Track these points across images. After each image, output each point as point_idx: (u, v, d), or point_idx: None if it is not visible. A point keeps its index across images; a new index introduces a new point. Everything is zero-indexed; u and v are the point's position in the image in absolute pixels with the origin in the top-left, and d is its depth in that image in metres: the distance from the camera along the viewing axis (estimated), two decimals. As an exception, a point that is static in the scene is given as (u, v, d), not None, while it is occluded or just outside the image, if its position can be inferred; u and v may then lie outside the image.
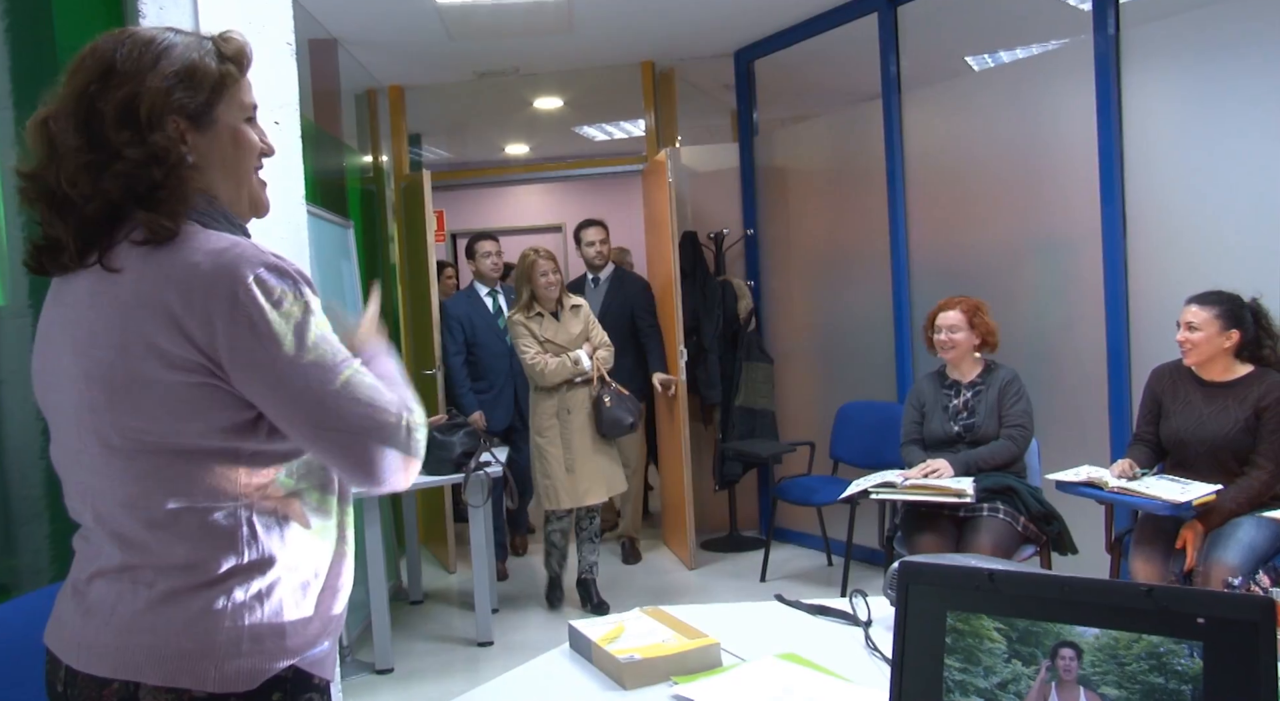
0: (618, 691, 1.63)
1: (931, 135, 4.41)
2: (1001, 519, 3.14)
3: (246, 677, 1.16)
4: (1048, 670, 1.16)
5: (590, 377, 4.13)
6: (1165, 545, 2.95)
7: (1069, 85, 3.79)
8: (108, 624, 1.17)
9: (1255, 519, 2.81)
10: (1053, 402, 3.77)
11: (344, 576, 1.30)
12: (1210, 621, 1.09)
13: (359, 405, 1.16)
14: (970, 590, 1.23)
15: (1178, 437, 3.04)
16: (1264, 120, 3.26)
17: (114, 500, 1.18)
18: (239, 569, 1.17)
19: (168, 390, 1.13)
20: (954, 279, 4.15)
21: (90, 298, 1.16)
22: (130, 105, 1.13)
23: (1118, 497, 2.95)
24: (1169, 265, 3.53)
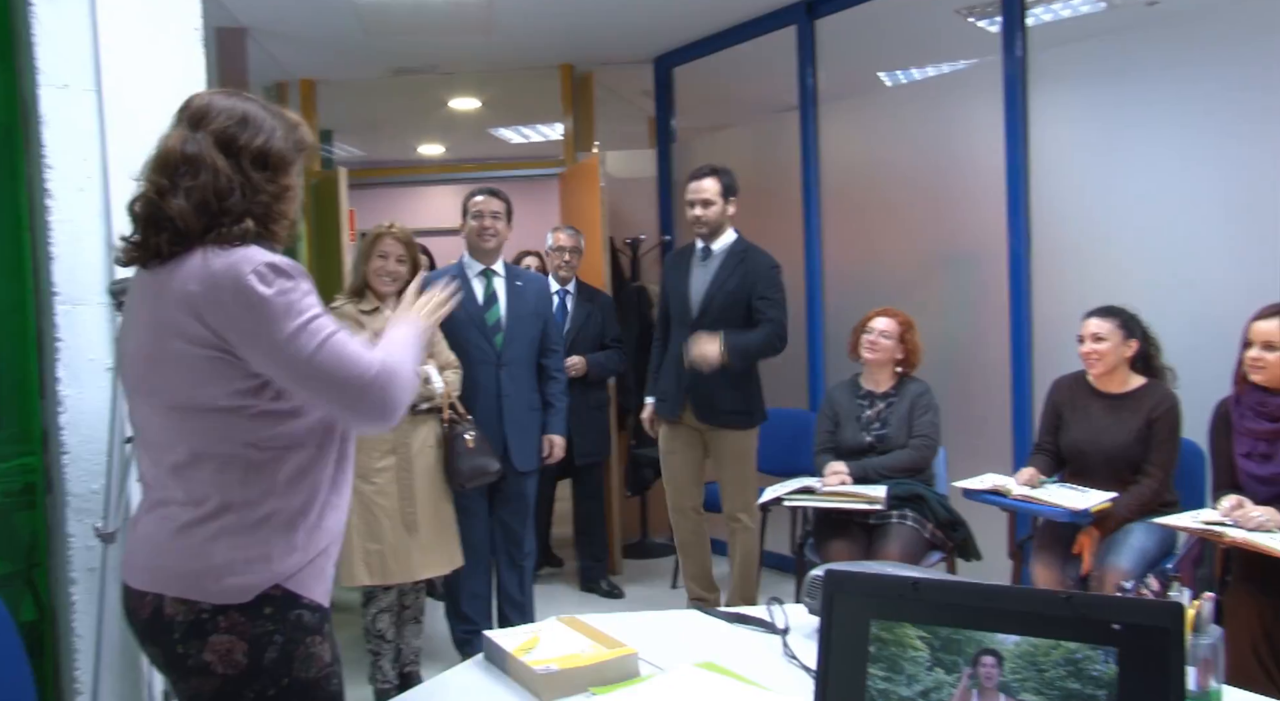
0: (535, 704, 1.60)
1: (846, 148, 4.49)
2: (910, 526, 3.20)
3: (239, 592, 1.45)
4: (969, 677, 1.17)
5: (439, 405, 3.20)
6: (1063, 551, 3.04)
7: (978, 104, 3.90)
8: (144, 549, 1.50)
9: (1146, 525, 2.92)
10: (960, 412, 3.87)
11: (330, 519, 1.56)
12: (1125, 627, 1.11)
13: (340, 360, 1.44)
14: (894, 599, 1.23)
15: (1076, 447, 3.14)
16: (1158, 144, 3.41)
17: (153, 449, 1.52)
18: (235, 505, 1.46)
19: (188, 361, 1.44)
20: (867, 291, 4.23)
21: (144, 291, 1.51)
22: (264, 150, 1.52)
23: (1021, 505, 3.03)
24: (1070, 280, 3.65)
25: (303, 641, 1.49)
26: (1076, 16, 3.85)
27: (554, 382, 3.62)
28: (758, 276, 3.68)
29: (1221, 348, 2.86)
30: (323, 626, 1.54)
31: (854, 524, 3.29)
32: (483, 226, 3.52)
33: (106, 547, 2.44)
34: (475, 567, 3.44)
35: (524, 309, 3.55)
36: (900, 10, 4.24)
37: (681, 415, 3.80)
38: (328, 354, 1.44)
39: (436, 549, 3.19)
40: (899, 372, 3.51)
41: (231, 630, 1.45)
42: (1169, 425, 3.01)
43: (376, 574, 3.10)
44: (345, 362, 1.44)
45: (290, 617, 1.48)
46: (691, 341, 3.60)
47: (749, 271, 3.68)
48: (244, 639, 1.45)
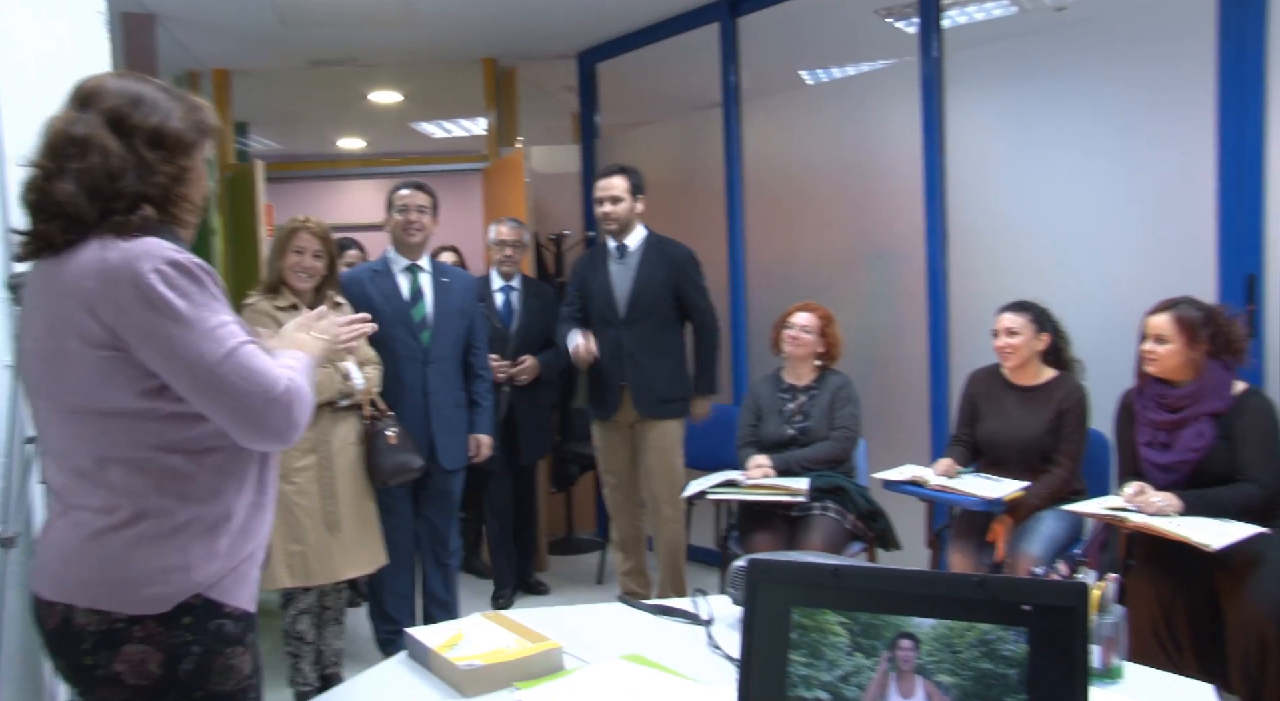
0: (458, 699, 1.58)
1: (768, 145, 4.54)
2: (832, 517, 3.26)
3: (156, 602, 1.39)
4: (888, 661, 1.19)
5: (359, 401, 3.14)
6: (978, 538, 3.13)
7: (896, 103, 3.98)
8: (55, 557, 1.43)
9: (1056, 512, 3.02)
10: (880, 405, 3.94)
11: (255, 522, 1.50)
12: (1034, 608, 1.15)
13: (246, 373, 1.37)
14: (815, 586, 1.25)
15: (991, 438, 3.23)
16: (1068, 144, 3.52)
17: (57, 455, 1.45)
18: (150, 512, 1.40)
19: (87, 362, 1.37)
20: (789, 286, 4.28)
21: (40, 285, 1.43)
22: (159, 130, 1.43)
23: (939, 495, 3.11)
24: (985, 276, 3.75)
25: (222, 652, 1.44)
26: (990, 20, 3.96)
27: (480, 381, 3.59)
28: (681, 267, 3.79)
29: (1127, 341, 2.96)
30: (245, 636, 1.48)
31: (777, 516, 3.33)
32: (408, 221, 3.47)
33: (5, 552, 2.34)
34: (399, 567, 3.39)
35: (451, 306, 3.51)
36: (821, 9, 4.31)
37: (615, 414, 3.83)
38: (234, 365, 1.37)
39: (359, 548, 3.13)
40: (820, 366, 3.57)
41: (147, 640, 1.39)
42: (1077, 416, 3.11)
43: (298, 575, 3.03)
44: (252, 376, 1.38)
45: (210, 627, 1.43)
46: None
47: (671, 263, 3.77)
48: (159, 649, 1.39)
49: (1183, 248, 3.24)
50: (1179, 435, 2.79)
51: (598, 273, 3.84)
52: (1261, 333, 3.07)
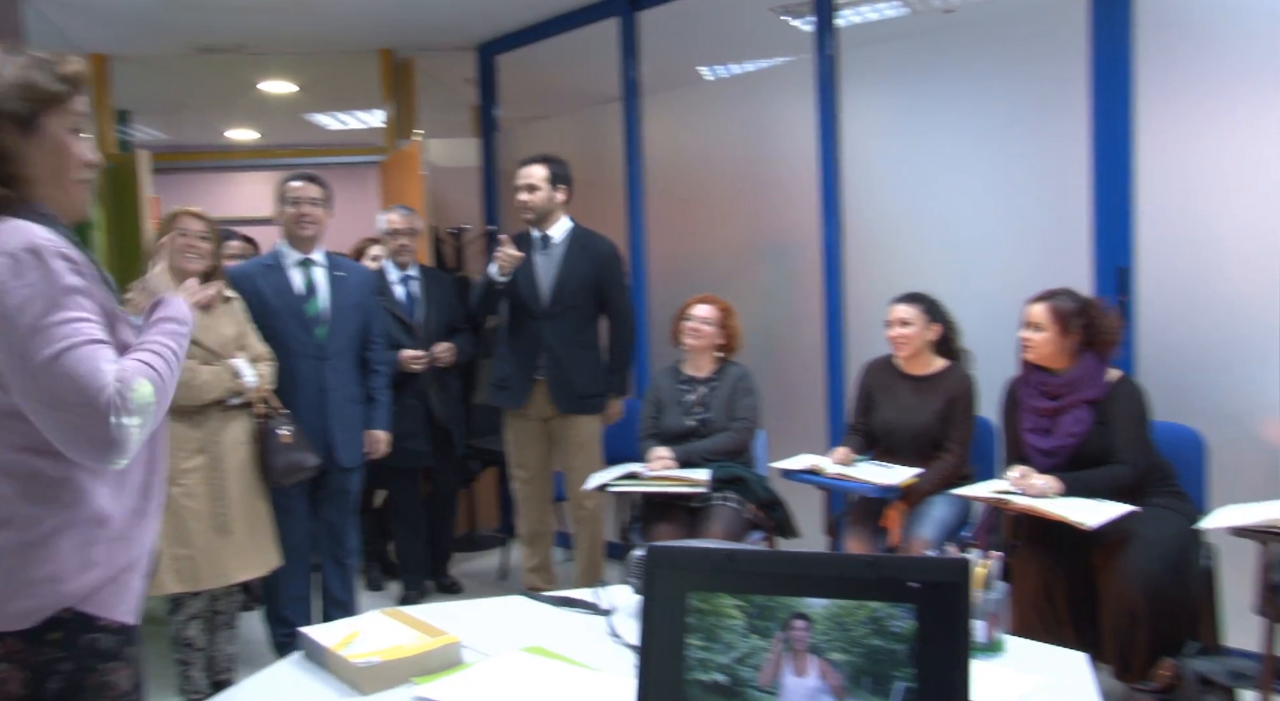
0: (356, 697, 1.56)
1: (669, 140, 4.57)
2: (732, 507, 3.30)
3: (19, 618, 1.29)
4: (782, 641, 1.22)
5: (250, 399, 3.04)
6: (874, 524, 3.21)
7: (793, 100, 4.06)
8: None
9: (946, 497, 3.12)
10: (778, 396, 4.02)
11: (138, 529, 1.41)
12: (921, 585, 1.19)
13: (63, 380, 1.24)
14: (711, 571, 1.27)
15: (886, 427, 3.32)
16: (957, 141, 3.64)
17: None
18: (15, 520, 1.30)
19: None
20: (689, 279, 4.33)
21: None
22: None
23: (835, 483, 3.19)
24: (879, 268, 3.86)
25: (96, 669, 1.34)
26: (883, 20, 4.06)
27: (377, 376, 3.53)
28: (605, 263, 3.79)
29: (1012, 332, 3.07)
30: (122, 650, 1.39)
31: (678, 507, 3.37)
32: (300, 213, 3.38)
33: None
34: (295, 568, 3.31)
35: (347, 300, 3.43)
36: (719, 6, 4.36)
37: (527, 405, 3.80)
38: (56, 367, 1.24)
39: (252, 550, 3.05)
40: (720, 358, 3.62)
41: (8, 657, 1.30)
42: (966, 404, 3.23)
43: (186, 580, 2.93)
44: (74, 381, 1.25)
45: (82, 643, 1.33)
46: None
47: (594, 258, 3.75)
48: (23, 668, 1.30)
49: (1061, 242, 3.39)
50: (1059, 421, 2.92)
51: (524, 261, 3.80)
52: (1133, 322, 3.24)
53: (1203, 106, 3.10)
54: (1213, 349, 3.14)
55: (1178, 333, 3.20)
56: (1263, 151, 3.00)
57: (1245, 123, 3.03)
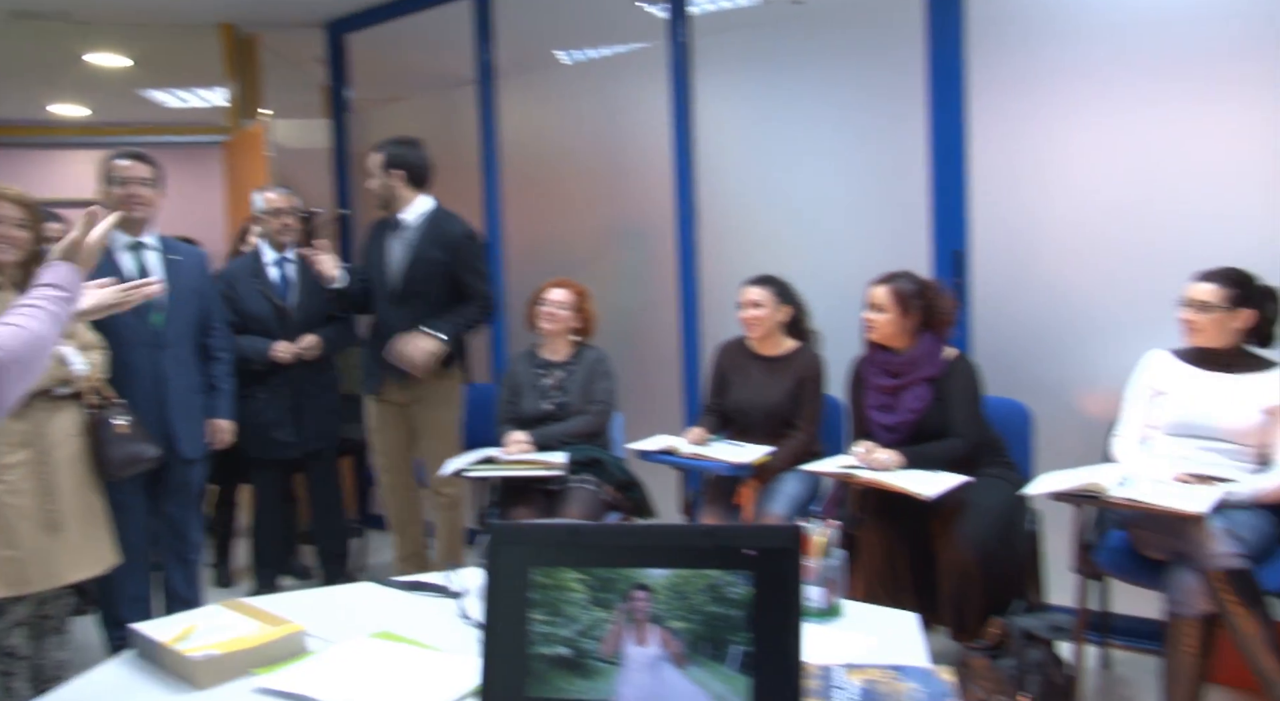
0: (192, 693, 1.50)
1: (525, 124, 4.54)
2: (589, 489, 3.32)
3: None
4: (624, 612, 1.24)
5: (80, 389, 2.85)
6: (728, 502, 3.30)
7: (648, 85, 4.09)
8: None
9: (797, 473, 3.22)
10: (635, 378, 4.06)
11: None
12: (757, 552, 1.23)
13: None
14: (553, 545, 1.28)
15: (739, 406, 3.41)
16: (807, 128, 3.76)
17: None
18: None
19: None
20: (547, 263, 4.32)
21: None
22: None
23: (690, 462, 3.25)
24: (733, 252, 3.94)
25: None
26: (735, 8, 4.13)
27: (218, 364, 3.37)
28: (459, 248, 3.67)
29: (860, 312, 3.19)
30: None
31: (535, 491, 3.36)
32: (129, 194, 3.19)
33: None
34: (133, 567, 3.14)
35: (184, 285, 3.26)
36: (574, -11, 4.36)
37: (383, 390, 3.72)
38: None
39: (86, 549, 2.85)
40: (576, 342, 3.63)
41: None
42: (815, 384, 3.34)
43: (13, 583, 2.70)
44: None
45: None
46: (398, 341, 3.61)
47: (448, 242, 3.65)
48: None
49: (902, 227, 3.54)
50: (900, 398, 3.06)
51: (377, 245, 3.71)
52: (967, 303, 3.42)
53: (1031, 100, 3.29)
54: (1039, 328, 3.35)
55: (1008, 313, 3.40)
56: (1085, 144, 3.22)
57: (1069, 116, 3.24)
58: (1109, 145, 3.18)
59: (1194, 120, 3.05)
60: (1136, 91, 3.13)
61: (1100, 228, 3.22)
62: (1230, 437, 2.70)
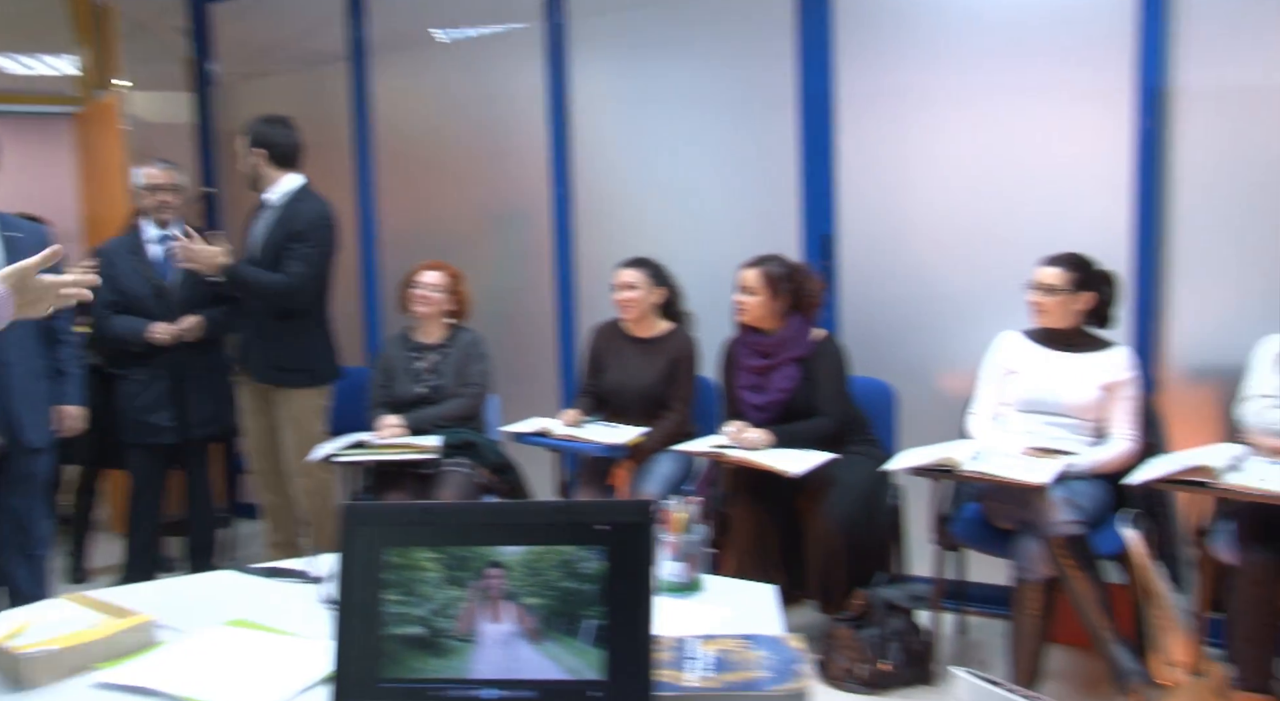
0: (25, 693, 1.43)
1: (400, 104, 4.44)
2: (463, 472, 3.29)
3: None
4: (478, 590, 1.24)
5: None
6: (603, 483, 3.32)
7: (524, 65, 4.06)
8: None
9: (670, 453, 3.27)
10: (511, 360, 4.04)
11: None
12: (610, 526, 1.25)
13: None
14: (406, 525, 1.27)
15: (614, 388, 3.43)
16: (682, 111, 3.79)
17: None
18: None
19: None
20: (422, 246, 4.24)
21: None
22: None
23: (564, 444, 3.26)
24: (609, 234, 3.95)
25: None
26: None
27: (65, 346, 3.20)
28: (300, 227, 3.53)
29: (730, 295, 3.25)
30: None
31: (409, 475, 3.32)
32: None
33: None
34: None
35: None
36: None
37: (247, 373, 3.65)
38: None
39: None
40: (451, 324, 3.59)
41: None
42: (688, 365, 3.38)
43: None
44: None
45: None
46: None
47: (298, 223, 3.53)
48: None
49: (773, 211, 3.62)
50: (770, 378, 3.13)
51: (250, 225, 3.61)
52: (835, 286, 3.52)
53: (897, 92, 3.41)
54: (903, 310, 3.48)
55: (873, 296, 3.52)
56: (946, 134, 3.35)
57: (932, 108, 3.36)
58: (968, 136, 3.32)
59: (1043, 116, 3.21)
60: (993, 87, 3.27)
61: (960, 214, 3.36)
62: (1072, 413, 2.86)
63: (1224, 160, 2.99)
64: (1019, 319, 3.01)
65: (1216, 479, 2.38)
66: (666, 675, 1.26)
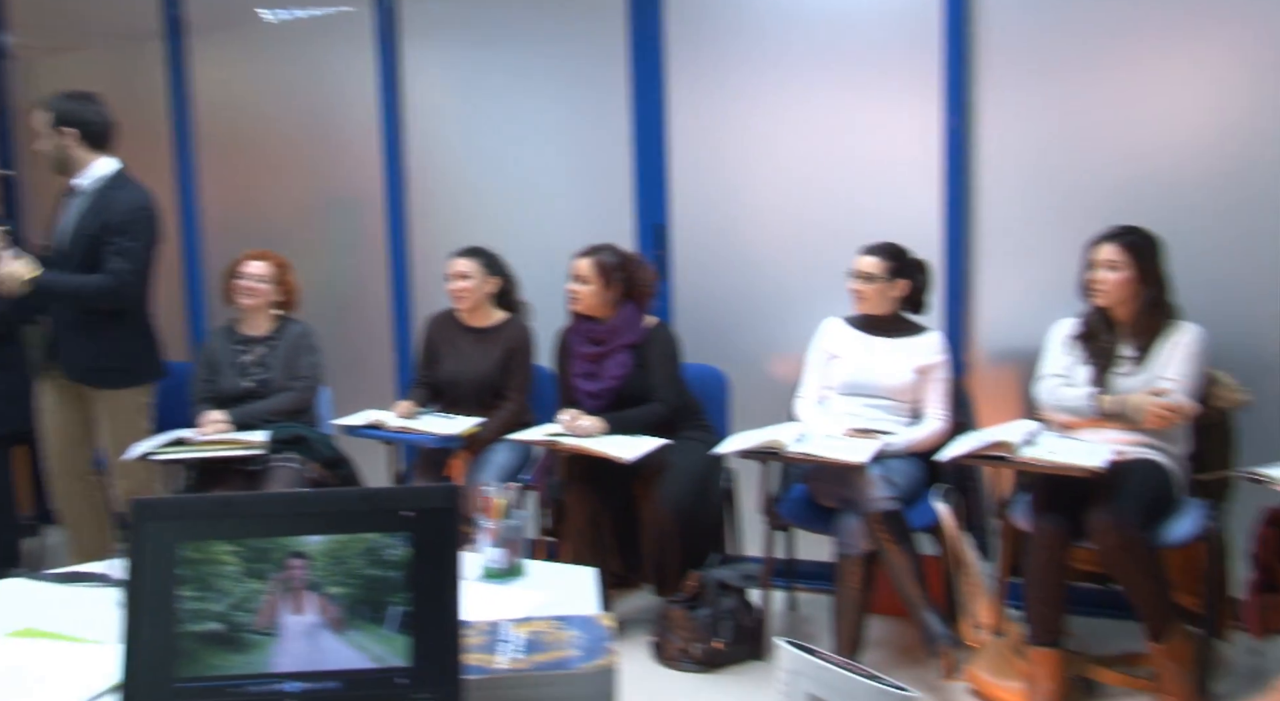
0: None
1: (223, 85, 4.24)
2: (293, 467, 3.18)
3: None
4: (279, 582, 1.21)
5: None
6: (439, 474, 3.28)
7: (354, 49, 3.95)
8: None
9: (507, 443, 3.26)
10: (344, 352, 3.94)
11: None
12: (416, 512, 1.24)
13: None
14: (202, 519, 1.23)
15: (449, 379, 3.39)
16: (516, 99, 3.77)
17: None
18: None
19: None
20: (248, 235, 4.06)
21: None
22: None
23: (398, 436, 3.20)
24: (445, 223, 3.89)
25: None
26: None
27: None
28: (118, 218, 3.30)
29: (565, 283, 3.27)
30: None
31: (235, 472, 3.19)
32: None
33: None
34: None
35: None
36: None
37: (55, 367, 3.35)
38: None
39: None
40: (278, 315, 3.46)
41: None
42: (524, 354, 3.38)
43: None
44: None
45: None
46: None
47: (111, 213, 3.29)
48: None
49: (607, 201, 3.66)
50: (603, 365, 3.16)
51: (59, 212, 3.31)
52: (668, 275, 3.59)
53: (726, 84, 3.49)
54: (735, 298, 3.58)
55: (706, 284, 3.60)
56: (774, 127, 3.46)
57: (760, 101, 3.47)
58: (794, 132, 3.44)
59: (862, 114, 3.37)
60: (816, 85, 3.40)
61: (786, 206, 3.48)
62: (889, 395, 3.02)
63: (1023, 158, 3.20)
64: (843, 306, 3.14)
65: (1013, 453, 2.56)
66: (476, 658, 1.26)
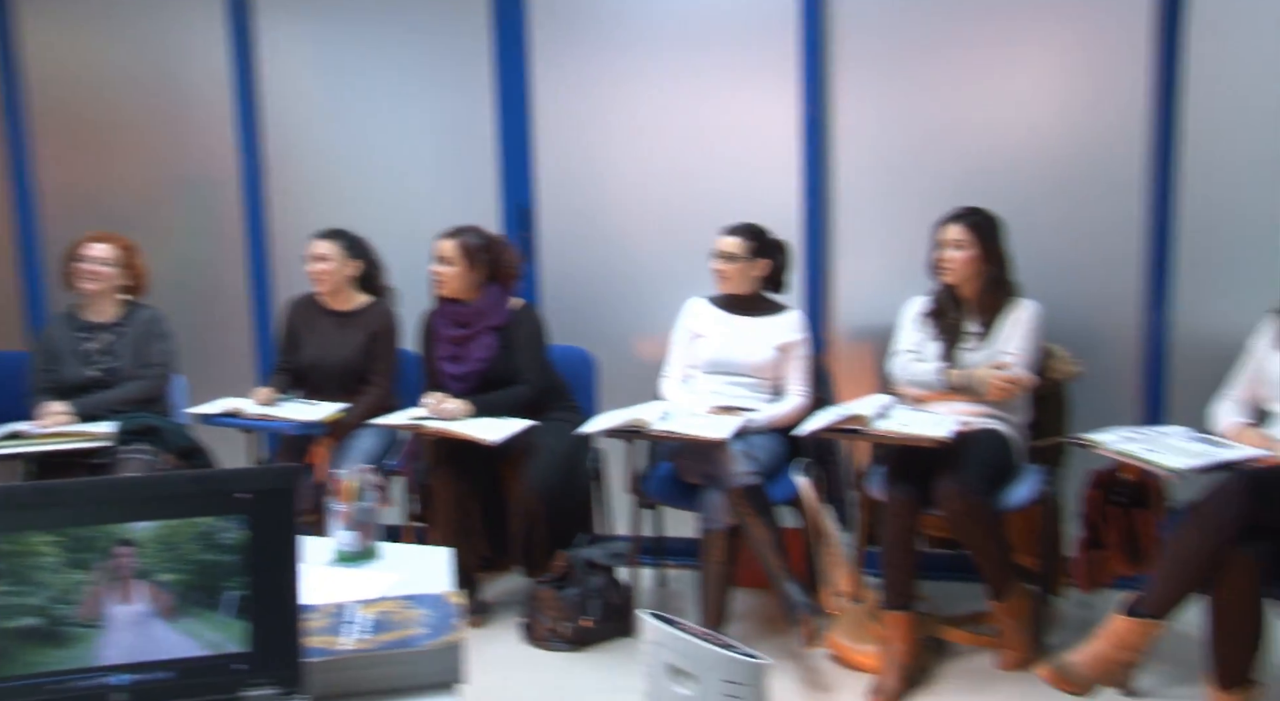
0: None
1: (59, 54, 3.99)
2: (144, 458, 3.04)
3: None
4: (104, 571, 1.16)
5: None
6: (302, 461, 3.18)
7: (204, 21, 3.78)
8: None
9: (372, 429, 3.20)
10: (200, 338, 3.78)
11: None
12: (253, 494, 1.21)
13: None
14: (16, 508, 1.17)
15: (311, 363, 3.31)
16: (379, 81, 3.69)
17: None
18: None
19: None
20: (93, 216, 3.85)
21: None
22: None
23: (257, 424, 3.11)
24: (306, 204, 3.78)
25: None
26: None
27: None
28: None
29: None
30: None
31: (80, 465, 3.03)
32: None
33: None
34: None
35: None
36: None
37: None
38: None
39: None
40: (126, 300, 3.31)
41: None
42: (388, 338, 3.32)
43: None
44: None
45: None
46: None
47: None
48: None
49: (472, 183, 3.62)
50: (468, 348, 3.14)
51: None
52: (535, 257, 3.58)
53: (590, 67, 3.50)
54: (601, 280, 3.60)
55: (572, 266, 3.61)
56: (638, 110, 3.49)
57: (625, 85, 3.49)
58: (657, 115, 3.48)
59: (723, 99, 3.44)
60: (679, 70, 3.45)
61: (650, 189, 3.52)
62: (751, 372, 3.09)
63: (877, 143, 3.32)
64: (706, 286, 3.20)
65: (868, 426, 2.66)
66: (320, 641, 1.24)
